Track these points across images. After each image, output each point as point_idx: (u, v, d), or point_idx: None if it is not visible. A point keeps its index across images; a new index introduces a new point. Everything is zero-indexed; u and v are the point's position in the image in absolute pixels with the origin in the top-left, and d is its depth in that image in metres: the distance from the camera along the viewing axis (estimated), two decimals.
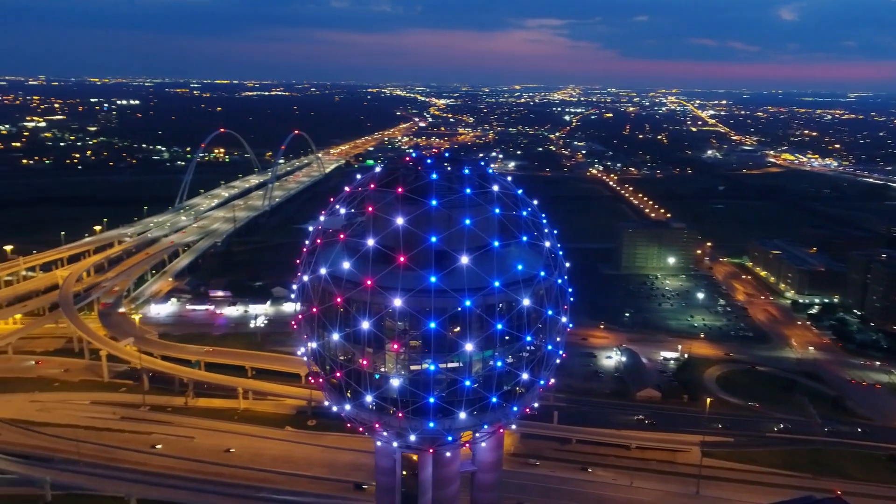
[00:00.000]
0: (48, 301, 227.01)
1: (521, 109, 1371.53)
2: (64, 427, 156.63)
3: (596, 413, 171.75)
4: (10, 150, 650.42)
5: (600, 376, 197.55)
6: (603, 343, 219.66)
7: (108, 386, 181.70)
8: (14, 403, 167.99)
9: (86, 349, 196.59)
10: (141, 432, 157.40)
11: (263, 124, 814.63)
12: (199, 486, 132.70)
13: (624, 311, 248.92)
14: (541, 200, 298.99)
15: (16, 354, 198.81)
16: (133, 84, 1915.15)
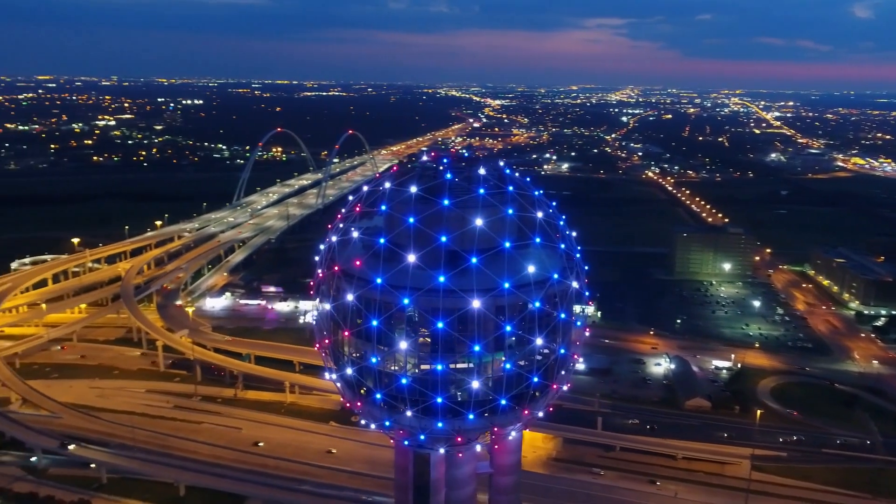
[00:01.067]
0: (111, 292, 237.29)
1: (577, 110, 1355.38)
2: (120, 413, 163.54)
3: (642, 420, 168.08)
4: (83, 148, 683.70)
5: (648, 383, 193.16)
6: (652, 349, 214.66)
7: (163, 375, 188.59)
8: (76, 389, 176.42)
9: (143, 339, 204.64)
10: (191, 421, 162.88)
11: (320, 124, 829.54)
12: (243, 475, 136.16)
13: (675, 317, 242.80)
14: (593, 203, 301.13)
15: (80, 342, 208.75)
16: (198, 84, 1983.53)
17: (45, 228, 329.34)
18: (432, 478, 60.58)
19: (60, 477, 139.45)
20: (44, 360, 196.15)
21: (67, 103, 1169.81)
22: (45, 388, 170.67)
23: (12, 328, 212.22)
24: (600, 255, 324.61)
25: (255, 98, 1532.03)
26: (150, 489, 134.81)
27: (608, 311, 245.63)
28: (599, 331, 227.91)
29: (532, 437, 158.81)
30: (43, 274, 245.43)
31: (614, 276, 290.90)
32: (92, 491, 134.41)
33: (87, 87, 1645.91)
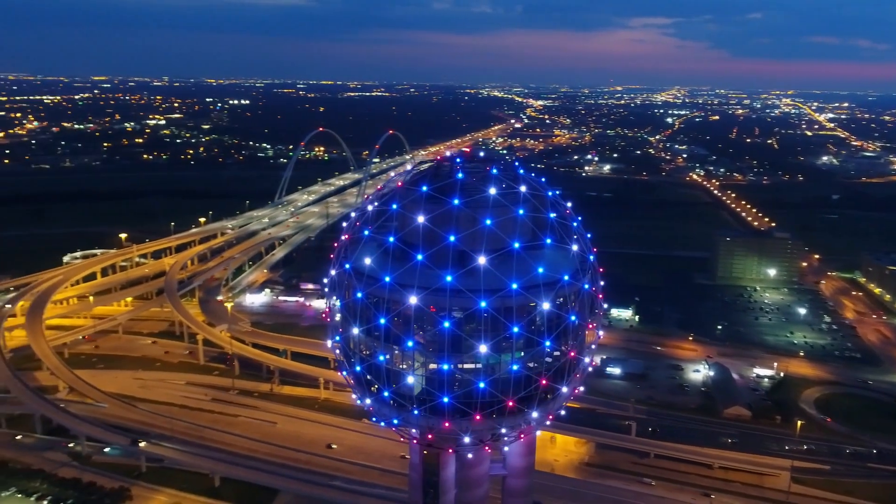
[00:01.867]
0: (155, 286, 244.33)
1: (621, 111, 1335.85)
2: (161, 404, 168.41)
3: (678, 428, 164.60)
4: (134, 146, 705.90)
5: (685, 390, 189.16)
6: (690, 355, 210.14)
7: (202, 368, 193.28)
8: (120, 379, 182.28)
9: (185, 333, 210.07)
10: (228, 414, 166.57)
11: (362, 124, 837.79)
12: (277, 469, 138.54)
13: (716, 323, 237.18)
14: (634, 205, 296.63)
15: (125, 334, 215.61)
16: (245, 85, 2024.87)
17: (96, 224, 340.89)
18: (442, 477, 60.45)
19: (103, 464, 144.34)
20: (90, 351, 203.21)
21: (121, 103, 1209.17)
22: (90, 377, 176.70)
23: (62, 319, 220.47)
24: (640, 259, 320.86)
25: (299, 98, 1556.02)
26: (186, 479, 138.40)
27: (646, 315, 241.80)
28: (636, 335, 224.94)
29: (564, 440, 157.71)
30: (92, 267, 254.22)
31: (654, 280, 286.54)
32: (132, 479, 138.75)
33: (139, 88, 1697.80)
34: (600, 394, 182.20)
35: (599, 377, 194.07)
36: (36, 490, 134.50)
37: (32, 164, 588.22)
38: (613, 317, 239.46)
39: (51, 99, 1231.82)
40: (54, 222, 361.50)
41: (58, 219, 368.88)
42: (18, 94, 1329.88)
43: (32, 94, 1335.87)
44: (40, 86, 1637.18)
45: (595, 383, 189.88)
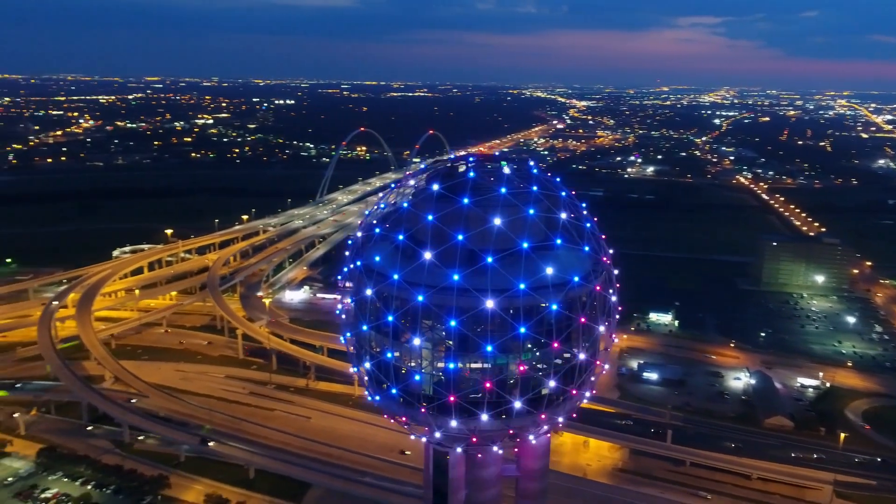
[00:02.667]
0: (199, 281, 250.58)
1: (667, 112, 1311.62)
2: (200, 396, 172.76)
3: (716, 436, 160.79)
4: (183, 145, 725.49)
5: (725, 398, 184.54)
6: (731, 363, 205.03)
7: (241, 362, 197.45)
8: (162, 371, 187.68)
9: (226, 327, 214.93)
10: (265, 408, 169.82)
11: (404, 124, 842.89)
12: (310, 463, 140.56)
13: (759, 330, 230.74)
14: (677, 208, 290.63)
15: (169, 327, 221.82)
16: (291, 85, 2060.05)
17: (145, 220, 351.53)
18: (451, 477, 60.26)
19: (144, 452, 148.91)
20: (136, 343, 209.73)
21: (171, 103, 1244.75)
22: (135, 368, 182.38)
23: (110, 311, 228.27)
24: (681, 263, 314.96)
25: (343, 98, 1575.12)
26: (222, 470, 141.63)
27: (687, 320, 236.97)
28: (675, 340, 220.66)
29: (598, 445, 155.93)
30: (139, 262, 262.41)
31: (695, 285, 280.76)
32: (171, 467, 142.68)
33: (189, 88, 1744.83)
34: (636, 399, 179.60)
35: (636, 382, 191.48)
36: (81, 475, 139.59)
37: (87, 161, 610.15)
38: (652, 321, 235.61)
39: (106, 99, 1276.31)
40: (105, 218, 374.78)
41: (109, 214, 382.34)
42: (76, 94, 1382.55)
43: (89, 94, 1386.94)
44: (96, 86, 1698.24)
45: (631, 388, 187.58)
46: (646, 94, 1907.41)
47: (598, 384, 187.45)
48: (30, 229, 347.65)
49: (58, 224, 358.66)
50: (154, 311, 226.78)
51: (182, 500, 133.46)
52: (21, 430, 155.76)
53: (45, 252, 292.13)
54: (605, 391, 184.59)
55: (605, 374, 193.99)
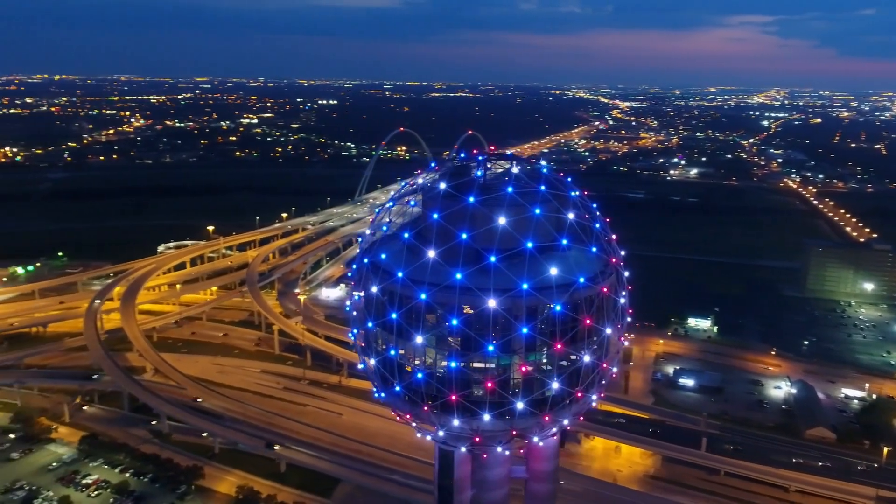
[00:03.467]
0: (238, 277, 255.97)
1: (713, 113, 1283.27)
2: (236, 389, 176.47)
3: (753, 446, 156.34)
4: (228, 144, 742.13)
5: (764, 407, 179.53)
6: (772, 371, 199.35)
7: (277, 358, 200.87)
8: (200, 364, 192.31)
9: (263, 323, 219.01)
10: (298, 403, 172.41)
11: (444, 124, 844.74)
12: (339, 459, 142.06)
13: (803, 338, 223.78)
14: (721, 211, 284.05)
15: (208, 322, 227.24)
16: (334, 85, 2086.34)
17: (189, 216, 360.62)
18: (456, 476, 60.03)
19: (181, 443, 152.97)
20: (176, 336, 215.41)
21: (219, 103, 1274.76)
22: (174, 360, 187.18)
23: (153, 305, 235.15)
24: (723, 267, 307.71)
25: (385, 98, 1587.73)
26: (254, 463, 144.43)
27: (726, 326, 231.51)
28: (714, 346, 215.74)
29: (630, 451, 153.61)
30: (182, 257, 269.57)
31: (737, 290, 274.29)
32: (205, 458, 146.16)
33: (236, 88, 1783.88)
34: (671, 405, 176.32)
35: (671, 388, 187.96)
36: (120, 463, 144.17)
37: (137, 159, 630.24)
38: (690, 326, 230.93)
39: (156, 98, 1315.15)
40: (152, 214, 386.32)
41: (156, 211, 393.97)
42: (128, 94, 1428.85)
43: (140, 94, 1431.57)
44: (148, 86, 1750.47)
45: (666, 394, 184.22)
46: (692, 95, 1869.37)
47: (632, 390, 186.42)
48: (81, 224, 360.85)
49: (107, 219, 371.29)
50: (195, 305, 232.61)
51: (215, 490, 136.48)
52: (66, 418, 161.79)
53: (95, 246, 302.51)
54: (638, 396, 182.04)
55: (639, 380, 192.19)
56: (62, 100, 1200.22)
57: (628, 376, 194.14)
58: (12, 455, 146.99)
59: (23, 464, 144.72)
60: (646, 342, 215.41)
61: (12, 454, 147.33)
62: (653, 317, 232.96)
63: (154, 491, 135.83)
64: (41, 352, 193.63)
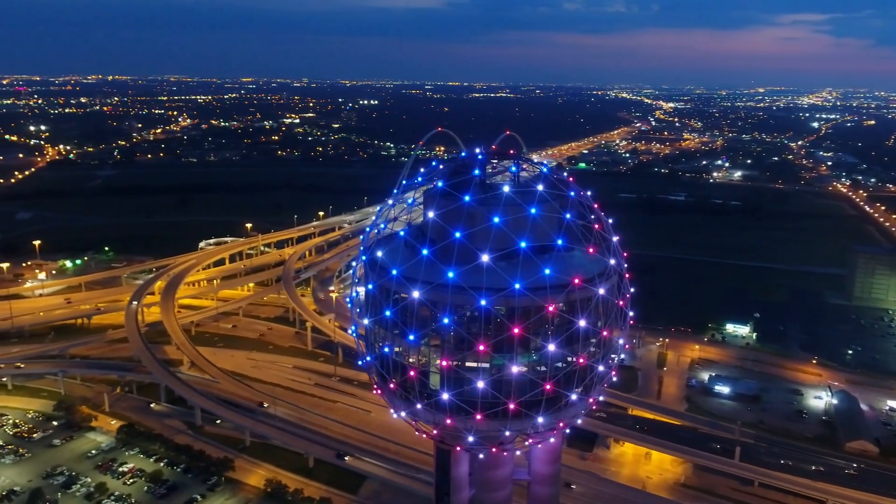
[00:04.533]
0: (275, 274, 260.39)
1: (760, 114, 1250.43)
2: (268, 384, 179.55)
3: (789, 457, 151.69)
4: (270, 143, 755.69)
5: (803, 417, 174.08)
6: (813, 380, 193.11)
7: (309, 354, 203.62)
8: (236, 359, 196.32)
9: (297, 319, 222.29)
10: (328, 399, 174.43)
11: (484, 125, 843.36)
12: (366, 456, 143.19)
13: (847, 347, 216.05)
14: (764, 215, 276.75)
15: (245, 317, 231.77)
16: (376, 86, 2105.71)
17: (231, 213, 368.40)
18: (454, 475, 59.73)
19: (213, 435, 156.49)
20: (214, 330, 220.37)
21: (263, 103, 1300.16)
22: (210, 354, 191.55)
23: (192, 299, 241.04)
24: (765, 273, 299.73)
25: (426, 99, 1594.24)
26: (284, 456, 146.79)
27: (766, 333, 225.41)
28: (752, 353, 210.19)
29: (661, 458, 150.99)
30: (222, 254, 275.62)
31: (778, 297, 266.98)
32: (236, 451, 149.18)
33: (280, 88, 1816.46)
34: (705, 413, 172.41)
35: (706, 395, 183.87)
36: (155, 452, 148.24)
37: (182, 157, 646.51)
38: (728, 332, 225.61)
39: (203, 98, 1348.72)
40: (195, 211, 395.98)
41: (198, 208, 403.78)
42: (177, 94, 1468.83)
43: (188, 94, 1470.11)
44: (196, 86, 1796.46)
45: (700, 401, 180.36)
46: (739, 96, 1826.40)
47: (665, 396, 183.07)
48: (127, 220, 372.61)
49: (152, 216, 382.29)
50: (232, 301, 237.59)
51: (245, 482, 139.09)
52: (106, 407, 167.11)
53: (140, 241, 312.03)
54: (672, 402, 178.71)
55: (673, 386, 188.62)
56: (114, 100, 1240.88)
57: (662, 382, 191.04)
58: (54, 441, 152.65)
59: (64, 450, 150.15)
60: (681, 347, 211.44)
61: (54, 440, 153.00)
62: (689, 322, 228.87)
63: (186, 481, 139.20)
64: (85, 343, 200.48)
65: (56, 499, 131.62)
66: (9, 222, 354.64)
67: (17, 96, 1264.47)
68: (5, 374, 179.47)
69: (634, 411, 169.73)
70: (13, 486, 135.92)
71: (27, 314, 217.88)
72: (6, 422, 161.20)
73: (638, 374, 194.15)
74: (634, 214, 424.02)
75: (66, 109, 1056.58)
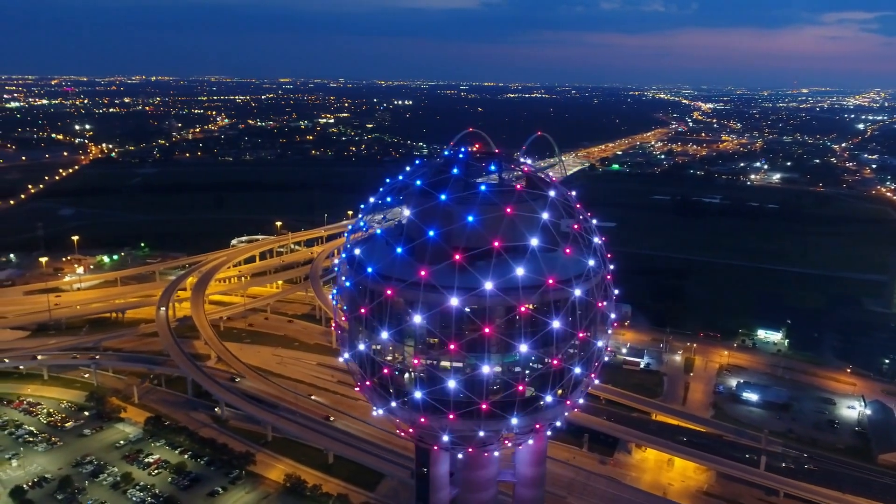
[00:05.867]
0: (304, 272, 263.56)
1: (803, 115, 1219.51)
2: (292, 381, 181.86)
3: (818, 468, 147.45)
4: (304, 142, 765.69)
5: (835, 427, 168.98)
6: (847, 389, 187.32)
7: (334, 351, 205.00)
8: (262, 354, 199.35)
9: (323, 317, 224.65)
10: (350, 397, 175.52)
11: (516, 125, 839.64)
12: (386, 455, 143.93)
13: (884, 356, 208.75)
14: (803, 219, 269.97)
15: (273, 314, 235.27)
16: (411, 86, 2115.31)
17: (263, 212, 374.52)
18: (433, 473, 59.42)
19: (237, 429, 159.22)
20: (242, 326, 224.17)
21: (299, 103, 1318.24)
22: (237, 350, 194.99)
23: (222, 296, 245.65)
24: (801, 278, 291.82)
25: (460, 99, 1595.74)
26: (304, 452, 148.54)
27: (800, 340, 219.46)
28: (784, 361, 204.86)
29: (684, 465, 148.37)
30: (252, 251, 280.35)
31: (814, 303, 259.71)
32: (258, 445, 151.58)
33: (317, 89, 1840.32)
34: (732, 420, 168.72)
35: (733, 402, 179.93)
36: (181, 444, 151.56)
37: (219, 156, 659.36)
38: (759, 338, 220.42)
39: (241, 98, 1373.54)
40: (230, 208, 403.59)
41: (233, 206, 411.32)
42: (217, 94, 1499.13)
43: (227, 94, 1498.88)
44: (235, 87, 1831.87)
45: (727, 408, 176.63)
46: (781, 97, 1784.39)
47: (691, 402, 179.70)
48: (164, 217, 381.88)
49: (188, 213, 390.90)
50: (261, 297, 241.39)
51: (265, 476, 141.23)
52: (135, 399, 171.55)
53: (175, 238, 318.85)
54: (698, 409, 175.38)
55: (700, 392, 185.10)
56: (156, 100, 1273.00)
57: (688, 387, 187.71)
58: (85, 431, 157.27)
59: (94, 440, 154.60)
60: (710, 353, 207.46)
61: (85, 430, 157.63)
62: (719, 327, 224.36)
63: (209, 473, 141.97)
64: (118, 336, 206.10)
65: (84, 487, 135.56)
66: (52, 218, 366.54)
67: (65, 96, 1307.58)
68: (42, 365, 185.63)
69: (658, 417, 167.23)
70: (44, 473, 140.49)
71: (65, 307, 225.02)
72: (41, 411, 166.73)
73: (664, 380, 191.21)
74: (667, 217, 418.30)
75: (110, 109, 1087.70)
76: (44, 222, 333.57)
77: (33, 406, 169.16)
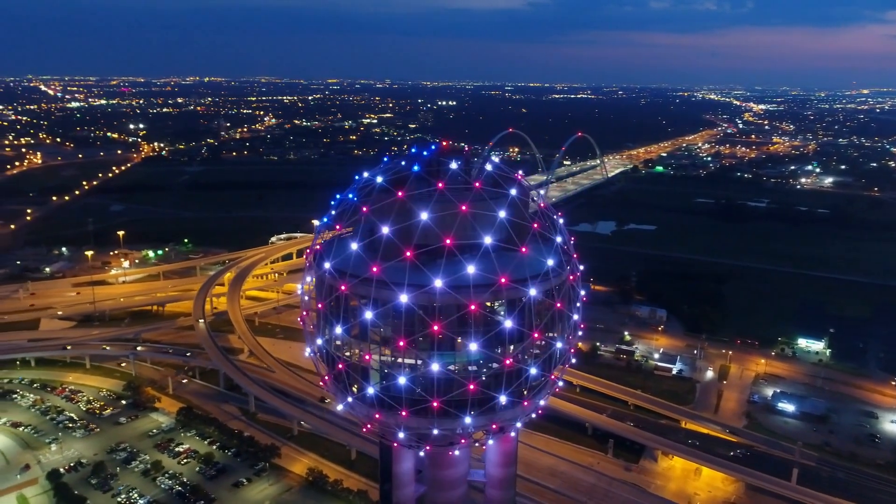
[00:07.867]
0: None
1: (861, 117, 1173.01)
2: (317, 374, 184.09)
3: (855, 484, 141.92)
4: (348, 142, 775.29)
5: (876, 442, 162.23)
6: (891, 403, 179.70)
7: None
8: (293, 350, 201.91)
9: None
10: None
11: (559, 126, 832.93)
12: None
13: None
14: (855, 225, 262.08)
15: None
16: (456, 87, 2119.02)
17: (304, 210, 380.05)
18: (396, 471, 59.15)
19: (265, 422, 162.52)
20: (276, 322, 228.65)
21: (345, 103, 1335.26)
22: (269, 345, 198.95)
23: (258, 291, 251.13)
24: (849, 286, 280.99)
25: (504, 100, 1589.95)
26: (328, 448, 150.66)
27: (843, 350, 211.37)
28: (824, 371, 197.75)
29: (711, 475, 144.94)
30: (289, 248, 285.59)
31: (861, 311, 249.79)
32: (284, 439, 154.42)
33: (363, 89, 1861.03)
34: (766, 431, 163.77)
35: (768, 412, 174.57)
36: (210, 435, 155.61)
37: (264, 155, 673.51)
38: (799, 347, 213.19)
39: (288, 99, 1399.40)
40: (271, 206, 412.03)
41: (275, 204, 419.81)
42: (266, 94, 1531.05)
43: (276, 94, 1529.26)
44: (283, 87, 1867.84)
45: (762, 418, 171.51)
46: (839, 98, 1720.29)
47: (724, 410, 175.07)
48: (208, 214, 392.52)
49: (232, 210, 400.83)
50: (294, 294, 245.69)
51: (289, 470, 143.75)
52: (170, 390, 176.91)
53: (218, 234, 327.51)
54: (730, 418, 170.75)
55: (733, 400, 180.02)
56: (207, 100, 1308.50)
57: (721, 395, 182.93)
58: (120, 419, 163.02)
59: (128, 428, 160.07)
60: (746, 361, 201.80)
61: (121, 419, 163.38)
62: (758, 335, 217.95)
63: (235, 464, 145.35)
64: (156, 328, 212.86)
65: (116, 473, 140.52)
66: (102, 213, 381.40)
67: (122, 97, 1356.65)
68: (85, 354, 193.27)
69: (687, 424, 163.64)
70: (80, 458, 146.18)
71: (109, 299, 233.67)
72: (81, 398, 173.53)
73: (696, 387, 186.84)
74: (710, 220, 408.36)
75: (163, 109, 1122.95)
76: (95, 218, 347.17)
77: (74, 393, 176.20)
